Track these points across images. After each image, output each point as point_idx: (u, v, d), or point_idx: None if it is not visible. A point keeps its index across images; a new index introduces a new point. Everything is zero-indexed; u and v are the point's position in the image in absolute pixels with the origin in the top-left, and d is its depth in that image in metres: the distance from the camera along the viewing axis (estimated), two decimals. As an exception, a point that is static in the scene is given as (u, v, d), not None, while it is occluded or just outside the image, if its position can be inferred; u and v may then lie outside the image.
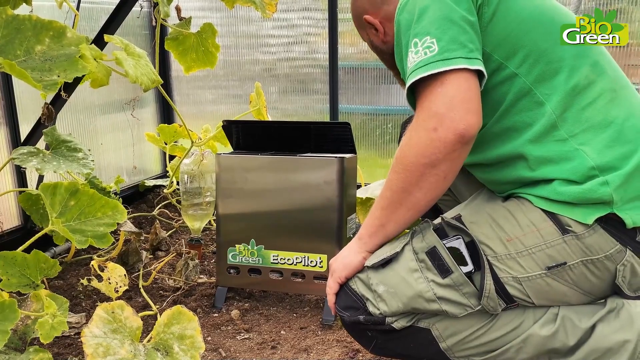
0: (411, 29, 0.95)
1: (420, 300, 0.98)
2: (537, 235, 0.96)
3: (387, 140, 2.65)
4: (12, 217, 1.96)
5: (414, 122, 0.93)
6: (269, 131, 1.76)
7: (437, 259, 0.98)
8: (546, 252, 0.95)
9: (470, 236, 0.98)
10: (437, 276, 0.97)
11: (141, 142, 2.70)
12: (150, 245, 2.07)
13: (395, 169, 0.96)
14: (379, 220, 1.01)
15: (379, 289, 1.01)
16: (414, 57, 0.93)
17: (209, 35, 1.82)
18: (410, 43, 0.94)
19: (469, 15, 0.94)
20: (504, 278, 0.97)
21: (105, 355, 1.12)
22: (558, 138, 0.96)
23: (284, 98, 2.80)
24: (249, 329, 1.54)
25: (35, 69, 1.05)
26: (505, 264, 0.97)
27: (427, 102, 0.91)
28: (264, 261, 1.61)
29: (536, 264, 0.96)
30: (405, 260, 1.00)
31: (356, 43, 2.64)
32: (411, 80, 0.92)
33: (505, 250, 0.97)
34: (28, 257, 1.23)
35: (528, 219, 0.97)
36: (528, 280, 0.96)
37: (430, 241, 0.99)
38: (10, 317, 1.01)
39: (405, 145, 0.94)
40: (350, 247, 1.08)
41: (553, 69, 0.97)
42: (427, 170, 0.91)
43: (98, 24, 2.31)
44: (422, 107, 0.92)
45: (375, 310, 1.02)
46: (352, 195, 1.62)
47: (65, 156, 1.49)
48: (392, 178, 0.97)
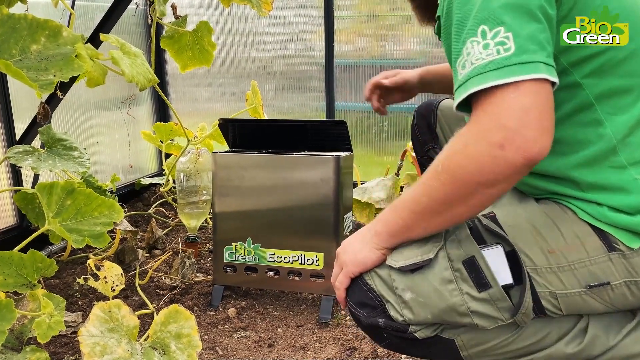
0: (474, 8, 0.78)
1: (452, 313, 0.89)
2: (581, 250, 0.87)
3: (383, 138, 2.66)
4: (8, 216, 1.96)
5: (473, 128, 0.78)
6: (265, 129, 1.76)
7: (475, 271, 0.87)
8: (589, 269, 0.87)
9: (511, 245, 0.88)
10: (472, 289, 0.87)
11: (137, 140, 2.69)
12: (146, 243, 2.07)
13: (439, 177, 0.82)
14: (404, 221, 0.89)
15: (406, 295, 0.90)
16: (480, 52, 0.77)
17: (204, 33, 1.82)
18: (477, 29, 0.77)
19: (548, 6, 0.78)
20: (542, 293, 0.89)
21: (102, 355, 1.12)
22: (616, 165, 0.86)
23: (280, 95, 2.80)
24: (246, 327, 1.55)
25: (31, 68, 1.05)
26: (544, 278, 0.88)
27: (494, 108, 0.75)
28: (260, 259, 1.62)
29: (577, 280, 0.88)
30: (440, 269, 0.89)
31: (352, 41, 2.64)
32: (481, 85, 0.76)
33: (547, 262, 0.88)
34: (25, 256, 1.22)
35: (573, 231, 0.88)
36: (565, 297, 0.89)
37: (469, 250, 0.88)
38: (8, 317, 1.01)
39: (459, 154, 0.79)
40: (364, 240, 0.95)
41: (624, 85, 0.85)
42: (481, 189, 0.79)
43: (93, 22, 2.31)
44: (486, 113, 0.76)
45: (398, 317, 0.91)
46: (348, 193, 1.63)
47: (61, 155, 1.48)
48: (433, 185, 0.83)
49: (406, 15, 2.53)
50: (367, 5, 2.58)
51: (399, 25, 2.55)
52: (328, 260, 1.55)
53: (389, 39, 2.57)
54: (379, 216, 0.94)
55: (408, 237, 0.91)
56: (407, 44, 2.55)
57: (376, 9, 2.56)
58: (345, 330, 1.52)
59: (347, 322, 1.56)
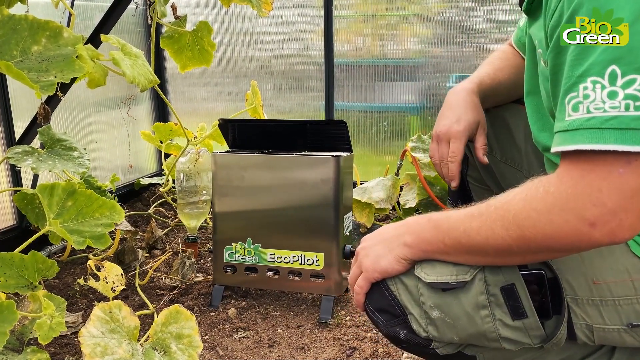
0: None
1: (481, 338, 0.83)
2: (629, 286, 0.79)
3: (382, 138, 2.66)
4: (7, 216, 1.96)
5: (563, 189, 0.67)
6: (265, 129, 1.76)
7: (512, 299, 0.79)
8: (635, 307, 0.79)
9: (553, 272, 0.80)
10: (506, 316, 0.80)
11: (136, 140, 2.69)
12: (146, 244, 2.07)
13: (508, 227, 0.72)
14: (445, 248, 0.81)
15: (433, 313, 0.84)
16: (604, 101, 0.62)
17: (204, 33, 1.82)
18: (605, 68, 0.62)
19: None
20: (578, 324, 0.82)
21: (103, 355, 1.12)
22: None
23: (279, 95, 2.80)
24: (246, 328, 1.55)
25: (32, 69, 1.05)
26: (583, 310, 0.81)
27: (594, 178, 0.64)
28: (260, 259, 1.62)
29: (619, 317, 0.80)
30: (474, 293, 0.81)
31: (352, 40, 2.64)
32: (594, 145, 0.63)
33: (589, 294, 0.80)
34: (26, 258, 1.22)
35: (623, 264, 0.80)
36: (602, 331, 0.82)
37: (510, 277, 0.80)
38: (9, 319, 1.01)
39: (539, 214, 0.69)
40: (389, 246, 0.86)
41: None
42: (548, 253, 0.72)
43: (92, 22, 2.30)
44: (584, 180, 0.65)
45: (422, 332, 0.86)
46: (348, 193, 1.63)
47: (60, 155, 1.48)
48: (497, 232, 0.73)
49: (406, 15, 2.53)
50: (367, 5, 2.58)
51: (399, 25, 2.55)
52: (328, 261, 1.55)
53: (388, 38, 2.57)
54: (412, 225, 0.86)
55: (440, 259, 0.84)
56: (407, 44, 2.55)
57: (376, 9, 2.56)
58: (346, 331, 1.52)
59: (347, 322, 1.57)
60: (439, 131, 1.10)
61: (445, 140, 1.09)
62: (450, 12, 2.45)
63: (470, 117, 1.08)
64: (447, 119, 1.09)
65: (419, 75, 2.56)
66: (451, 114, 1.09)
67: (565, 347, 0.85)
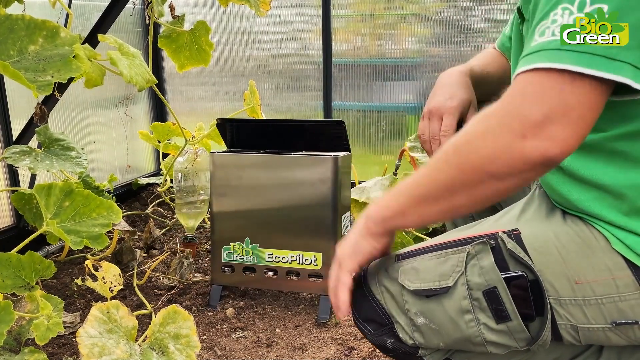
0: None
1: (466, 343, 0.84)
2: (611, 284, 0.79)
3: (381, 138, 2.66)
4: (4, 216, 1.95)
5: (499, 106, 0.68)
6: (263, 129, 1.76)
7: (495, 302, 0.80)
8: (618, 306, 0.79)
9: (535, 275, 0.80)
10: (490, 320, 0.81)
11: (134, 140, 2.68)
12: (144, 243, 2.07)
13: (448, 158, 0.74)
14: (399, 206, 0.80)
15: (418, 320, 0.85)
16: (560, 21, 0.65)
17: (202, 33, 1.82)
18: None
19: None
20: (562, 325, 0.82)
21: (100, 355, 1.12)
22: None
23: (277, 95, 2.80)
24: (244, 327, 1.55)
25: (29, 69, 1.04)
26: (567, 310, 0.81)
27: (534, 90, 0.65)
28: (258, 259, 1.62)
29: (603, 316, 0.80)
30: (457, 298, 0.82)
31: (350, 40, 2.64)
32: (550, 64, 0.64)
33: (572, 294, 0.80)
34: (23, 258, 1.22)
35: (604, 263, 0.79)
36: (587, 331, 0.82)
37: (491, 279, 0.80)
38: (6, 320, 1.01)
39: (473, 135, 0.71)
40: (356, 228, 0.87)
41: None
42: (488, 180, 0.70)
43: (90, 21, 2.29)
44: (523, 94, 0.66)
45: (408, 340, 0.87)
46: (346, 193, 1.63)
47: (58, 155, 1.48)
48: (440, 167, 0.75)
49: (404, 14, 2.53)
50: (365, 4, 2.58)
51: (397, 24, 2.55)
52: (326, 260, 1.55)
53: (386, 38, 2.57)
54: (371, 205, 0.86)
55: (400, 225, 0.84)
56: (405, 43, 2.56)
57: (374, 8, 2.56)
58: (344, 330, 1.52)
59: (345, 322, 1.57)
60: (431, 107, 1.07)
61: (437, 116, 1.06)
62: (449, 12, 2.45)
63: (464, 95, 1.06)
64: (440, 96, 1.07)
65: (417, 75, 2.56)
66: (444, 91, 1.07)
67: (553, 348, 0.86)
